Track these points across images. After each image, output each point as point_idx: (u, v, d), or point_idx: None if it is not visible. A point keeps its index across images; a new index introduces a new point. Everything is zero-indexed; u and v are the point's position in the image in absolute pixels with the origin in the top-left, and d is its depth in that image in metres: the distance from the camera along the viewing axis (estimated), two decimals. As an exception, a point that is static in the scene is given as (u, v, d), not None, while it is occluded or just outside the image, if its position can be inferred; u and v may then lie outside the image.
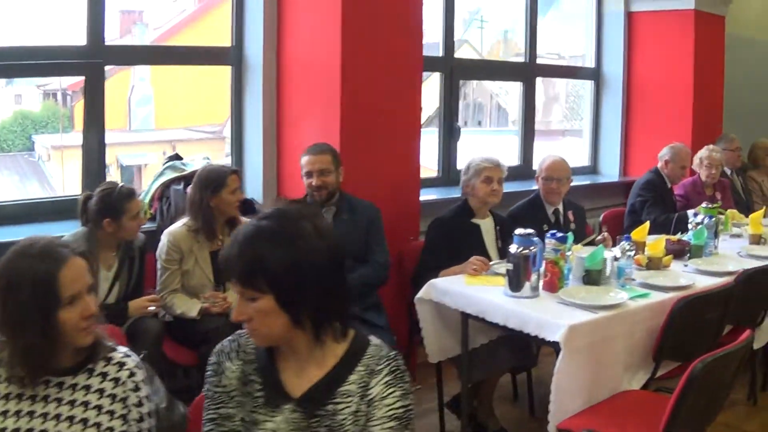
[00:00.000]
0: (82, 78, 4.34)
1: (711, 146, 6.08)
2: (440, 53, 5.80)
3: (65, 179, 5.11)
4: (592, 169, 7.14)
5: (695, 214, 4.70)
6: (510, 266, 3.53)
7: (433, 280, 3.85)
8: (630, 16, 6.93)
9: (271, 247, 1.74)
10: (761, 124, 7.79)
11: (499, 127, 7.71)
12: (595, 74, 7.06)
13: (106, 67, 4.41)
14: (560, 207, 4.77)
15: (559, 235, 3.73)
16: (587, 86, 7.19)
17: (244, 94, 4.86)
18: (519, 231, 3.57)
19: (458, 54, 6.06)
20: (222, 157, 5.24)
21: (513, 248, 3.53)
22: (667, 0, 6.66)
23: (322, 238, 1.80)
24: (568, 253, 3.84)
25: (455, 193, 4.84)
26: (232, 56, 4.84)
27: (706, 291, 3.62)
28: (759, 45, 7.95)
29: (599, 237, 4.58)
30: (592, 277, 3.69)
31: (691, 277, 3.96)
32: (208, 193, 3.83)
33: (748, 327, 3.70)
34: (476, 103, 8.12)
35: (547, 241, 3.68)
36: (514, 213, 4.72)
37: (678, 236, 4.65)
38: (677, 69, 6.67)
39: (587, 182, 6.72)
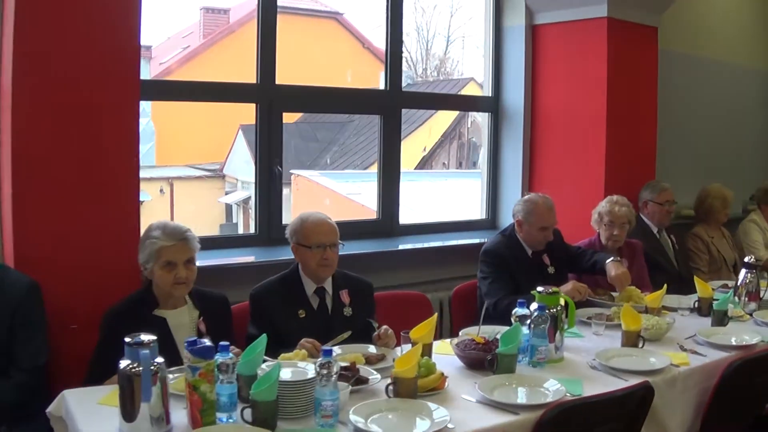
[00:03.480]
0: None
1: (615, 198, 4.52)
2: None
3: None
4: (491, 223, 5.60)
5: (521, 303, 3.14)
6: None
7: (67, 391, 2.62)
8: (534, 32, 5.43)
9: None
10: (715, 164, 6.17)
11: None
12: (492, 104, 5.56)
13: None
14: (328, 285, 3.30)
15: (201, 344, 2.24)
16: (484, 119, 5.67)
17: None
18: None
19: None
20: (221, 195, 5.37)
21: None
22: (580, 7, 5.12)
23: None
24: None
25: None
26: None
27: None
28: (726, 66, 6.38)
29: (376, 333, 3.08)
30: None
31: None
32: None
33: None
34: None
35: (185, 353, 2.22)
36: (257, 292, 3.31)
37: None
38: (591, 93, 5.13)
39: (479, 241, 5.09)
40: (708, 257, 5.27)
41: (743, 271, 4.10)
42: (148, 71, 5.32)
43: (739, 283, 4.10)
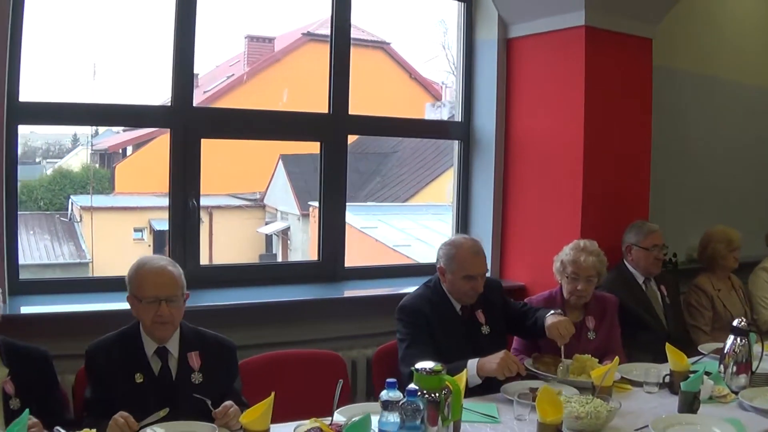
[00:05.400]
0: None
1: (582, 243, 3.76)
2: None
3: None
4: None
5: (391, 384, 2.43)
6: None
7: None
8: (509, 46, 4.71)
9: None
10: (728, 201, 5.32)
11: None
12: (463, 131, 4.85)
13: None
14: (173, 345, 2.77)
15: None
16: (454, 148, 4.96)
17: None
18: None
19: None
20: (262, 225, 5.08)
21: None
22: (557, 15, 4.39)
23: None
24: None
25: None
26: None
27: None
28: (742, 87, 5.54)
29: (214, 411, 2.45)
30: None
31: None
32: None
33: None
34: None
35: None
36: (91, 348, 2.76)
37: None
38: (568, 116, 4.38)
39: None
40: (712, 314, 4.42)
41: (730, 338, 3.29)
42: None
43: (725, 351, 3.29)
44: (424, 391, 2.43)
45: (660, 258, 4.16)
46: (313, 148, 4.41)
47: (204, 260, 4.24)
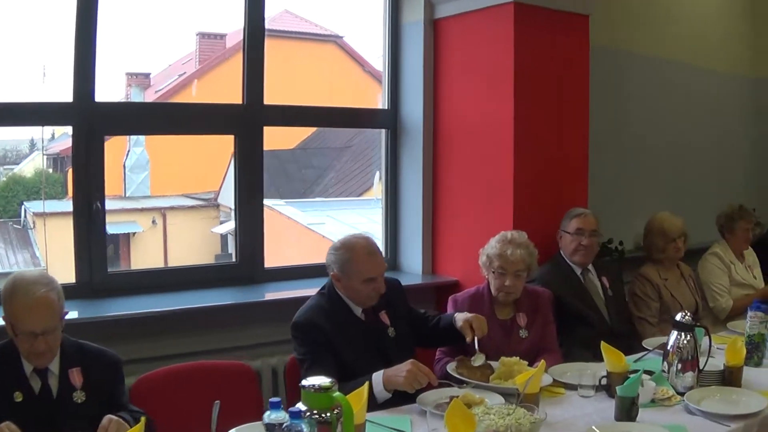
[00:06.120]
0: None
1: (509, 235, 3.44)
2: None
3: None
4: (390, 263, 4.52)
5: (273, 406, 2.07)
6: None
7: None
8: (436, 28, 4.38)
9: None
10: (682, 185, 5.06)
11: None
12: (389, 119, 4.51)
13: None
14: (53, 363, 2.46)
15: None
16: (381, 137, 4.62)
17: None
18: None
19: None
20: (216, 225, 5.06)
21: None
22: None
23: None
24: None
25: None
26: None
27: None
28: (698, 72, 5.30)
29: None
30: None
31: None
32: None
33: None
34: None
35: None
36: None
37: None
38: (497, 99, 4.06)
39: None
40: (659, 304, 4.13)
41: (673, 334, 2.98)
42: (142, 99, 5.25)
43: (668, 348, 2.98)
44: (314, 411, 2.07)
45: (588, 246, 3.84)
46: (268, 143, 4.12)
47: (158, 263, 3.93)
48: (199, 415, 2.43)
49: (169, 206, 6.32)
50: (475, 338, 2.93)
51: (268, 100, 4.03)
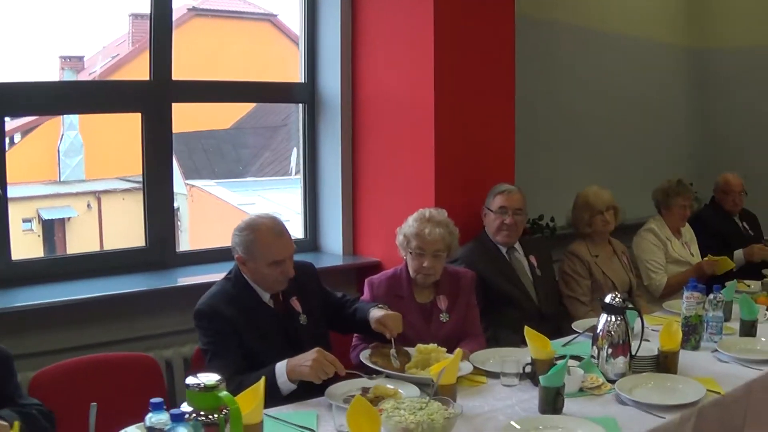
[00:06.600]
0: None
1: (428, 213, 3.21)
2: None
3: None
4: (311, 244, 4.28)
5: (155, 407, 1.81)
6: None
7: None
8: (354, -3, 4.11)
9: None
10: (617, 161, 4.92)
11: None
12: (306, 93, 4.23)
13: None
14: None
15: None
16: (298, 112, 4.34)
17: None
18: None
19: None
20: None
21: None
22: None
23: None
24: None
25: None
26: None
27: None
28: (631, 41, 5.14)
29: None
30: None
31: None
32: None
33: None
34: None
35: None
36: None
37: None
38: (418, 71, 3.82)
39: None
40: (590, 282, 3.95)
41: (603, 317, 2.78)
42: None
43: (598, 332, 2.79)
44: (200, 412, 1.83)
45: (511, 224, 3.63)
46: (203, 123, 3.90)
47: (95, 247, 3.64)
48: (101, 408, 2.17)
49: (104, 189, 6.15)
50: (392, 339, 2.70)
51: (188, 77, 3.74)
